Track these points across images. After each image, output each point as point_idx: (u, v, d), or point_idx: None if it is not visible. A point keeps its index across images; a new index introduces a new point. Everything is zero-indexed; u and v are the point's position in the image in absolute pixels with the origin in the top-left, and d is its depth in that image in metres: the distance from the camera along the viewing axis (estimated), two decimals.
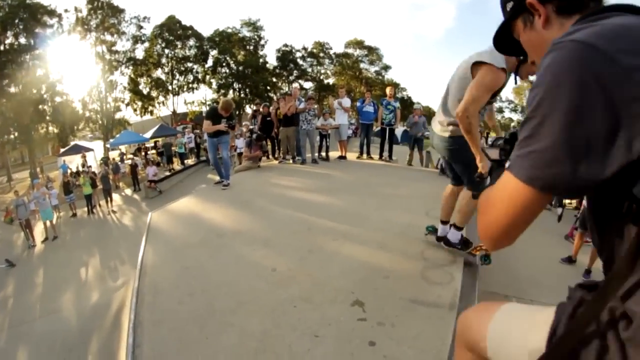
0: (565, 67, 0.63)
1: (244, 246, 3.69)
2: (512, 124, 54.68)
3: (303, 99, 8.67)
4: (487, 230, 0.78)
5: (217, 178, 6.54)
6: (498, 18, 0.97)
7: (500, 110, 55.74)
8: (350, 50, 50.02)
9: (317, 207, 4.88)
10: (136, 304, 2.76)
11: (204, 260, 3.42)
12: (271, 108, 9.76)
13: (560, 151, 0.62)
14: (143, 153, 21.68)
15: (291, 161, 8.54)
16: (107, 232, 11.19)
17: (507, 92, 56.46)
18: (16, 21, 25.40)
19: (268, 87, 43.90)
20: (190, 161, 19.61)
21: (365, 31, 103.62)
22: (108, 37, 32.51)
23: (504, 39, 0.97)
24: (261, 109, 10.07)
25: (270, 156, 9.97)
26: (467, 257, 3.27)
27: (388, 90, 9.15)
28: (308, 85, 48.10)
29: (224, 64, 41.70)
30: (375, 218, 4.38)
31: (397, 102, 9.05)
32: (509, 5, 0.89)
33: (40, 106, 26.72)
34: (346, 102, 9.23)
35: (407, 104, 54.48)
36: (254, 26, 43.76)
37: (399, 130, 10.50)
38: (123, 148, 24.35)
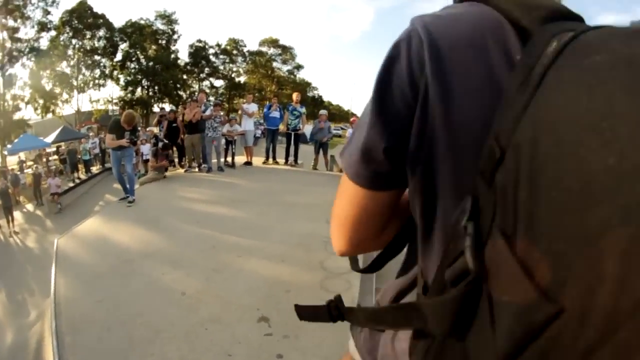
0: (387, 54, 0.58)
1: (153, 271, 3.67)
2: None
3: (211, 104, 8.59)
4: (334, 232, 0.73)
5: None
6: None
7: None
8: (264, 49, 50.01)
9: (222, 221, 4.95)
10: (58, 347, 2.65)
11: (116, 290, 3.35)
12: (177, 114, 9.45)
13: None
14: (44, 160, 19.20)
15: (197, 169, 8.41)
16: (10, 257, 9.91)
17: None
18: None
19: (178, 85, 42.42)
20: (95, 169, 17.99)
21: (280, 30, 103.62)
22: (10, 22, 28.37)
23: None
24: (167, 115, 9.71)
25: (177, 164, 9.66)
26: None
27: (294, 96, 9.40)
28: (219, 83, 47.31)
29: (133, 59, 39.51)
30: (278, 230, 4.59)
31: (302, 108, 9.34)
32: None
33: None
34: (252, 107, 9.34)
35: (317, 103, 55.98)
36: (168, 19, 42.01)
37: (308, 128, 10.84)
38: (22, 155, 20.84)
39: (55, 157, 19.87)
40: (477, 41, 0.47)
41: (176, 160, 9.78)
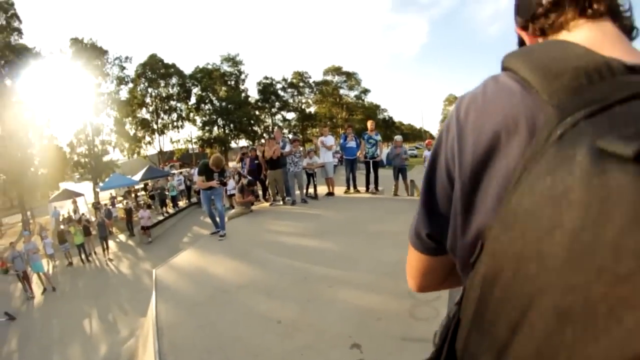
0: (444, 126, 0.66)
1: (248, 300, 4.00)
2: None
3: (288, 140, 9.13)
4: (408, 279, 0.83)
5: (210, 222, 6.87)
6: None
7: None
8: (329, 77, 51.58)
9: (310, 252, 5.24)
10: None
11: (215, 317, 3.70)
12: (257, 151, 10.18)
13: None
14: (133, 195, 21.88)
15: (281, 202, 8.93)
16: (105, 281, 11.37)
17: None
18: (2, 62, 25.45)
19: (252, 121, 44.81)
20: (182, 203, 19.94)
21: (342, 57, 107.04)
22: (92, 79, 32.99)
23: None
24: (249, 152, 10.57)
25: (261, 198, 10.30)
26: (451, 291, 3.71)
27: (369, 124, 9.65)
28: (291, 115, 49.23)
29: (206, 101, 42.71)
30: (365, 259, 4.78)
31: (378, 135, 9.54)
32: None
33: (28, 150, 26.72)
34: (329, 140, 9.74)
35: (389, 124, 56.10)
36: (233, 61, 44.91)
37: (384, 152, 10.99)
38: (113, 191, 24.41)
39: (143, 193, 22.48)
40: (506, 126, 0.48)
41: (260, 194, 10.42)
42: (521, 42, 0.74)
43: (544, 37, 0.65)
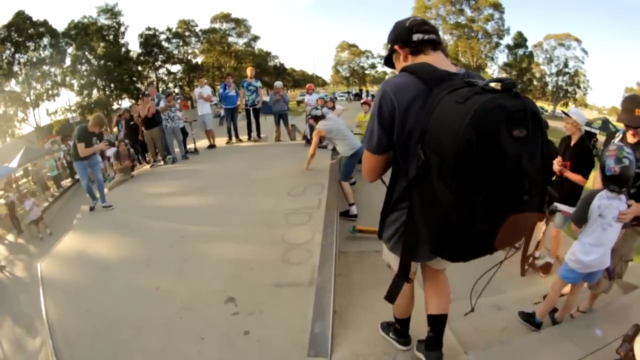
0: (376, 97, 1.54)
1: (129, 272, 3.83)
2: (387, 76, 59.22)
3: (163, 97, 8.52)
4: (364, 174, 1.75)
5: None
6: None
7: (373, 66, 59.48)
8: (217, 25, 48.61)
9: (188, 211, 5.13)
10: None
11: (100, 297, 3.51)
12: (133, 112, 9.38)
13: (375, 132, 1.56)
14: (14, 186, 18.36)
15: (162, 162, 8.44)
16: (2, 292, 9.77)
17: (380, 49, 59.72)
18: None
19: (134, 78, 41.15)
20: (67, 182, 17.34)
21: (231, 3, 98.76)
22: None
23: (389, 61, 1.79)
24: (123, 114, 9.66)
25: (142, 161, 9.63)
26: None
27: (248, 71, 9.40)
28: (176, 68, 46.06)
29: (83, 61, 37.69)
30: (241, 210, 4.84)
31: (258, 82, 9.35)
32: (389, 47, 1.71)
33: None
34: (206, 90, 9.26)
35: (280, 71, 55.13)
36: (111, 12, 39.86)
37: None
38: None
39: (25, 180, 19.00)
40: (414, 96, 1.43)
41: (141, 157, 9.75)
42: (392, 52, 1.72)
43: (411, 55, 1.59)
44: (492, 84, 1.23)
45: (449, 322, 2.28)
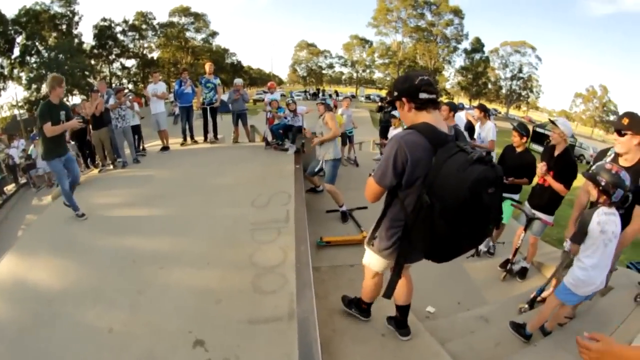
0: (392, 146, 1.93)
1: (76, 309, 3.12)
2: (343, 77, 58.80)
3: (113, 93, 7.70)
4: (367, 197, 2.13)
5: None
6: None
7: (331, 66, 59.90)
8: (175, 19, 47.61)
9: (140, 226, 4.51)
10: None
11: (44, 342, 2.79)
12: (81, 110, 8.35)
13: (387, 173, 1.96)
14: None
15: (111, 166, 7.57)
16: None
17: (338, 49, 60.87)
18: None
19: (86, 73, 38.76)
20: (10, 187, 14.97)
21: None
22: None
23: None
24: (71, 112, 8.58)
25: (89, 165, 8.63)
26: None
27: (207, 67, 8.68)
28: (131, 62, 44.31)
29: (33, 52, 35.18)
30: (199, 225, 4.32)
31: (217, 79, 8.73)
32: (395, 94, 2.07)
33: None
34: (160, 87, 8.53)
35: (237, 69, 53.96)
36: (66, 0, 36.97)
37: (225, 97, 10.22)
38: None
39: None
40: (422, 153, 1.88)
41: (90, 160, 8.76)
42: (397, 99, 2.09)
43: (415, 109, 2.02)
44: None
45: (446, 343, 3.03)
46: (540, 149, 23.50)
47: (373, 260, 2.45)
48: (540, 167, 4.11)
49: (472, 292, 4.45)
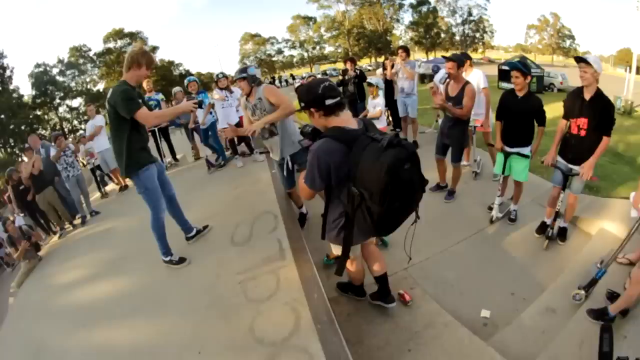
0: (313, 157, 2.11)
1: None
2: (295, 60, 57.61)
3: (52, 144, 6.76)
4: (303, 197, 2.42)
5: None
6: None
7: (280, 51, 58.65)
8: (111, 45, 45.99)
9: (111, 310, 3.42)
10: None
11: None
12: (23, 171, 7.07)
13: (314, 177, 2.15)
14: None
15: (71, 227, 6.49)
16: None
17: (283, 33, 59.62)
18: None
19: (34, 126, 36.96)
20: None
21: (122, 17, 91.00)
22: None
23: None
24: (10, 179, 7.27)
25: (49, 231, 7.49)
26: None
27: (145, 84, 7.61)
28: (77, 102, 42.70)
29: None
30: (175, 292, 3.35)
31: (158, 95, 7.83)
32: (302, 105, 2.24)
33: None
34: (98, 121, 7.44)
35: (185, 77, 51.71)
36: None
37: None
38: None
39: None
40: (340, 156, 2.04)
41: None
42: (302, 109, 2.26)
43: (325, 115, 2.17)
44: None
45: None
46: (509, 86, 23.17)
47: (336, 250, 2.57)
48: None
49: (520, 274, 3.75)
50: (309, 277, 2.91)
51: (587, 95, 3.36)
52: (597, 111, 3.33)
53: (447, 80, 4.65)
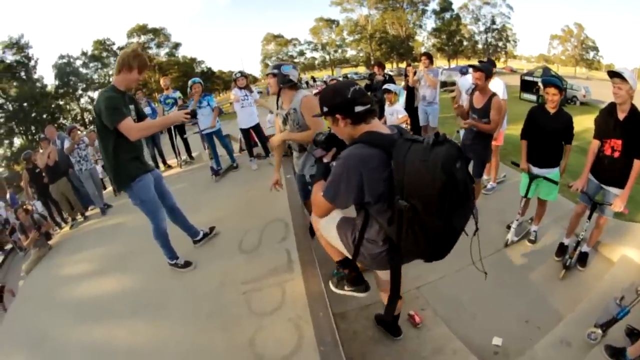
0: (341, 166, 1.75)
1: None
2: (316, 62, 57.78)
3: (67, 136, 6.70)
4: (316, 214, 2.00)
5: None
6: None
7: (302, 53, 58.94)
8: (134, 39, 45.93)
9: (113, 308, 3.39)
10: None
11: None
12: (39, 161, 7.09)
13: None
14: None
15: (84, 219, 6.50)
16: None
17: (306, 35, 59.86)
18: None
19: (56, 115, 37.63)
20: None
21: (146, 13, 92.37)
22: None
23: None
24: (28, 161, 7.26)
25: (61, 222, 7.43)
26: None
27: (162, 82, 7.71)
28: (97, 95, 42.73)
29: None
30: (178, 295, 3.23)
31: (176, 92, 7.74)
32: (325, 110, 1.88)
33: None
34: None
35: (208, 76, 52.45)
36: (17, 46, 36.08)
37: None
38: None
39: None
40: (376, 160, 1.68)
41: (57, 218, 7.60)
42: (324, 114, 1.89)
43: (352, 124, 1.83)
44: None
45: None
46: (531, 97, 22.88)
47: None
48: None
49: (536, 300, 3.54)
50: (316, 294, 2.78)
51: (621, 115, 3.13)
52: (633, 132, 3.09)
53: (473, 90, 4.48)
